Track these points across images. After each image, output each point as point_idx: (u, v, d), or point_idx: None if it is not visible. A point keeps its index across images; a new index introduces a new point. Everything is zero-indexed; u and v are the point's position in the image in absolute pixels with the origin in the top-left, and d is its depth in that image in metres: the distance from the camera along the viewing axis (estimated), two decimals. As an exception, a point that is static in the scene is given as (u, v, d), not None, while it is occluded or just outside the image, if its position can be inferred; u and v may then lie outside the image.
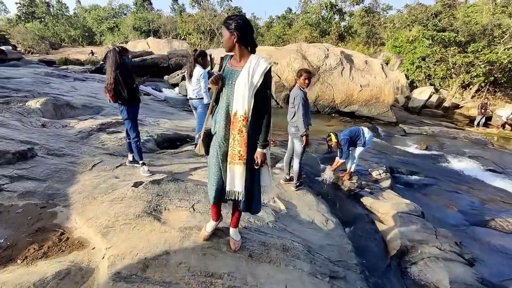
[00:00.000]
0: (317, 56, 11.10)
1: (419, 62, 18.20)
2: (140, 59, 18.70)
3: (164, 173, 3.33)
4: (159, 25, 34.39)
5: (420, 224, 3.52)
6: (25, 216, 2.40)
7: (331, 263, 2.43)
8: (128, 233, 2.15)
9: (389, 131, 10.08)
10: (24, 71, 10.49)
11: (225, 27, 1.76)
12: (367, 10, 26.84)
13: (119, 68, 3.03)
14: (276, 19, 36.63)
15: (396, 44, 20.78)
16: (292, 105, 3.41)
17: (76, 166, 3.30)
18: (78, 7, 49.44)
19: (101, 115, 5.80)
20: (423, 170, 6.00)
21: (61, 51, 29.17)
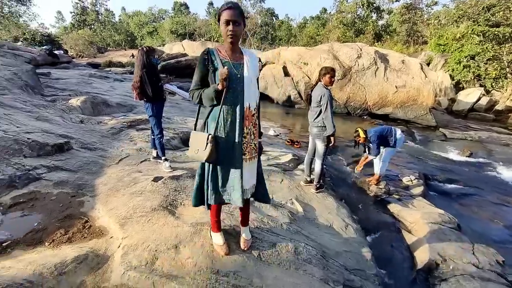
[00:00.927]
0: (349, 56, 10.68)
1: (467, 61, 16.67)
2: (175, 60, 19.60)
3: (184, 170, 3.42)
4: (194, 28, 35.71)
5: (454, 237, 3.20)
6: (57, 203, 2.60)
7: (346, 271, 2.29)
8: (143, 225, 2.22)
9: (426, 135, 9.35)
10: (72, 72, 11.53)
11: (242, 15, 1.65)
12: (408, 6, 25.24)
13: (145, 68, 3.18)
14: (310, 19, 36.08)
15: (441, 42, 19.26)
16: (316, 105, 3.29)
17: (105, 159, 3.52)
18: (122, 14, 53.27)
19: (133, 113, 6.15)
20: (463, 179, 5.46)
21: (106, 54, 31.63)
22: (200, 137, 1.70)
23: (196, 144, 1.72)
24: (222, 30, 1.66)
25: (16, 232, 2.17)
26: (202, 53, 1.69)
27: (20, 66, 7.12)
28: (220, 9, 1.64)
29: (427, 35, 22.92)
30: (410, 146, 7.56)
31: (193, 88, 1.74)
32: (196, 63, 1.71)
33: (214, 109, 1.71)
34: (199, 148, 1.69)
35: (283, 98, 11.36)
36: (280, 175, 3.65)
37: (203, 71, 1.69)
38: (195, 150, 1.72)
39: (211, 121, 1.72)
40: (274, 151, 4.88)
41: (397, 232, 3.38)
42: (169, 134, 5.04)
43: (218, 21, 1.70)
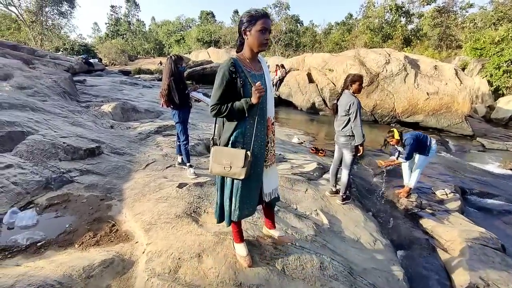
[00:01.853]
0: (376, 62, 10.33)
1: (508, 66, 15.55)
2: (201, 67, 20.13)
3: (208, 177, 3.43)
4: (219, 36, 36.60)
5: (498, 259, 2.91)
6: (87, 206, 2.71)
7: (376, 291, 2.15)
8: (167, 232, 2.24)
9: (462, 145, 8.75)
10: (105, 79, 12.21)
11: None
12: (441, 10, 24.14)
13: (173, 76, 3.26)
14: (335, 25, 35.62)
15: (477, 46, 18.15)
16: (344, 113, 3.17)
17: (133, 164, 3.63)
18: (152, 23, 55.96)
19: (160, 119, 6.35)
20: (505, 194, 5.00)
21: (136, 62, 33.27)
22: (234, 154, 1.63)
23: (225, 160, 1.63)
24: (254, 38, 1.58)
25: (50, 232, 2.27)
26: (228, 65, 1.58)
27: (60, 74, 7.65)
28: (255, 17, 1.56)
29: (461, 39, 21.73)
30: (444, 156, 7.10)
31: (217, 102, 1.60)
32: (218, 76, 1.59)
33: (239, 123, 1.65)
34: (232, 165, 1.62)
35: (307, 105, 11.21)
36: (304, 185, 3.56)
37: (229, 84, 1.59)
38: (225, 166, 1.64)
39: (239, 136, 1.66)
40: (298, 159, 4.78)
41: (431, 250, 3.14)
42: (193, 140, 5.12)
43: (245, 28, 1.59)
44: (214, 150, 1.70)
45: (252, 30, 1.58)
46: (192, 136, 5.24)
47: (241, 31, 1.62)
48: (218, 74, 1.59)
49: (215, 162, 1.68)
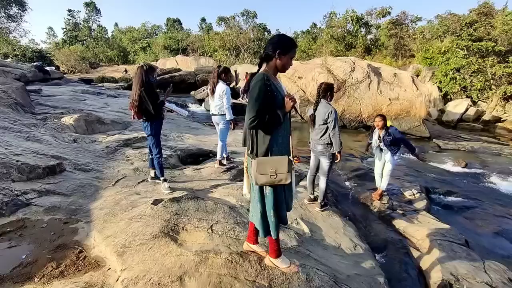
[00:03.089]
0: (343, 69, 10.86)
1: (453, 74, 17.22)
2: (169, 75, 19.65)
3: (184, 190, 3.29)
4: (187, 43, 36.11)
5: (464, 254, 3.12)
6: (48, 232, 2.43)
7: (361, 298, 2.17)
8: (144, 255, 2.07)
9: (421, 146, 9.43)
10: (64, 89, 11.35)
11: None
12: (395, 22, 26.20)
13: (143, 86, 3.09)
14: (300, 34, 36.95)
15: (427, 56, 19.92)
16: (323, 122, 3.21)
17: (101, 181, 3.36)
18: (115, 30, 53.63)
19: (128, 130, 6.01)
20: (463, 191, 5.45)
21: (98, 70, 31.54)
22: (278, 161, 1.73)
23: (270, 169, 1.72)
24: (285, 62, 1.77)
25: (2, 267, 1.98)
26: (263, 79, 1.69)
27: (10, 83, 6.95)
28: (292, 45, 1.76)
29: (413, 49, 23.69)
30: (408, 158, 7.58)
31: (256, 114, 1.66)
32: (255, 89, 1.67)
33: (274, 133, 1.75)
34: (277, 172, 1.71)
35: (278, 112, 11.40)
36: (283, 194, 3.54)
37: (265, 96, 1.68)
38: (270, 175, 1.71)
39: (275, 145, 1.77)
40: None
41: (405, 250, 3.28)
42: (166, 152, 4.91)
43: (281, 51, 1.73)
44: (256, 162, 1.74)
45: (287, 55, 1.76)
46: (164, 148, 5.03)
47: (275, 51, 1.73)
48: (255, 88, 1.68)
49: (260, 173, 1.72)
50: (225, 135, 4.28)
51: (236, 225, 2.60)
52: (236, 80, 16.76)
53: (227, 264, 2.02)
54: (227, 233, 2.45)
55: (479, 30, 17.58)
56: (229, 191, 3.41)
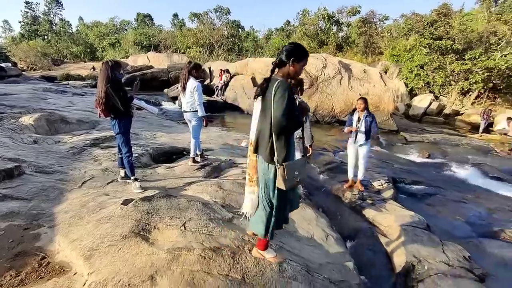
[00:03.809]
0: (315, 66, 11.11)
1: (418, 70, 18.28)
2: (141, 73, 18.93)
3: (156, 189, 3.21)
4: (159, 39, 34.96)
5: (425, 237, 3.34)
6: (6, 239, 2.27)
7: (331, 284, 2.26)
8: (113, 256, 2.01)
9: (390, 139, 9.96)
10: (23, 87, 10.54)
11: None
12: (364, 20, 27.21)
13: (109, 83, 2.96)
14: (274, 31, 37.19)
15: (394, 53, 20.95)
16: None
17: (65, 183, 3.19)
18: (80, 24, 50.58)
19: (96, 129, 5.73)
20: (426, 179, 5.84)
21: (63, 67, 29.61)
22: (301, 163, 1.86)
23: (296, 172, 1.80)
24: (297, 70, 1.86)
25: (-46, 279, 1.83)
26: (289, 86, 1.78)
27: (-41, 81, 6.33)
28: (306, 54, 1.87)
29: (382, 46, 24.78)
30: (377, 150, 7.95)
31: (288, 120, 1.72)
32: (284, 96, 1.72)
33: (290, 139, 1.86)
34: (301, 174, 1.83)
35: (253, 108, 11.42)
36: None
37: (292, 103, 1.76)
38: (295, 178, 1.81)
39: (290, 150, 1.85)
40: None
41: (374, 237, 3.46)
42: (137, 151, 4.76)
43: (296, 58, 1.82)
44: (285, 168, 1.75)
45: (300, 63, 1.85)
46: (135, 146, 4.87)
47: (289, 58, 1.81)
48: (284, 94, 1.72)
49: (287, 180, 1.76)
50: (198, 132, 4.23)
51: (209, 222, 2.59)
52: (210, 77, 16.55)
53: (200, 260, 2.02)
54: (200, 230, 2.43)
55: (439, 29, 18.78)
56: (203, 188, 3.38)
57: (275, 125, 1.73)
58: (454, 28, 18.91)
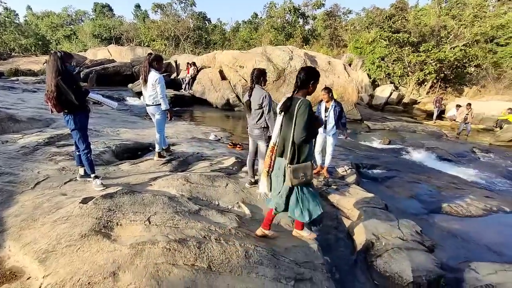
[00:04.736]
0: (281, 58, 11.25)
1: (379, 62, 19.25)
2: (101, 67, 17.79)
3: (120, 186, 3.10)
4: (121, 32, 32.97)
5: (383, 216, 3.60)
6: None
7: (296, 266, 2.37)
8: (71, 256, 1.93)
9: (354, 128, 10.46)
10: (-37, 84, 9.45)
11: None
12: (329, 14, 27.94)
13: (60, 74, 2.77)
14: (242, 24, 36.83)
15: (357, 46, 21.81)
16: (258, 107, 3.31)
17: (16, 185, 2.96)
18: (28, 14, 45.96)
19: (51, 127, 5.34)
20: (386, 164, 6.25)
21: (10, 61, 26.79)
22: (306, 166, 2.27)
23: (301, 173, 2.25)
24: (313, 89, 2.34)
25: None
26: (310, 105, 2.21)
27: None
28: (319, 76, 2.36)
29: (346, 39, 25.69)
30: (342, 138, 8.31)
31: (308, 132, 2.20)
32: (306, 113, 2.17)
33: (310, 144, 2.32)
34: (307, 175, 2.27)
35: (222, 102, 11.33)
36: (224, 180, 3.60)
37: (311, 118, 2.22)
38: (302, 178, 2.26)
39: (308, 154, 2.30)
40: (217, 156, 4.81)
41: (338, 220, 3.66)
42: (98, 147, 4.53)
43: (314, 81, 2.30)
44: (292, 168, 2.23)
45: (315, 84, 2.33)
46: (97, 144, 4.64)
47: (309, 80, 2.29)
48: (305, 111, 2.16)
49: (295, 178, 2.23)
50: (162, 126, 4.13)
51: (175, 214, 2.58)
52: (177, 71, 16.06)
53: (165, 252, 2.01)
54: (165, 223, 2.41)
55: (397, 23, 19.88)
56: (169, 182, 3.33)
57: (297, 135, 2.19)
58: (410, 22, 20.14)
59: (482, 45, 17.84)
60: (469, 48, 16.91)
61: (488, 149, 8.62)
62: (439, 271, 2.74)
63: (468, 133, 10.83)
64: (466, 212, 4.26)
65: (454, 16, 18.09)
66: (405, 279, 2.62)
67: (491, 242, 3.54)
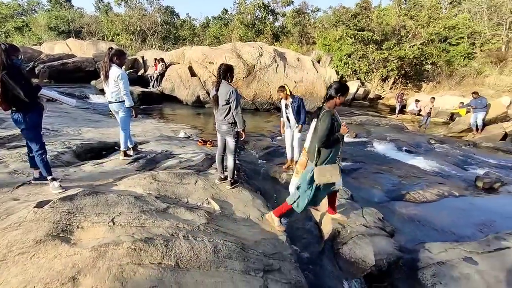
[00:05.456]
0: (251, 54, 11.27)
1: (346, 59, 19.98)
2: (60, 62, 16.53)
3: (81, 187, 2.94)
4: (81, 25, 30.83)
5: (349, 206, 3.78)
6: None
7: (265, 257, 2.42)
8: (24, 264, 1.80)
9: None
10: None
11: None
12: (298, 11, 28.39)
13: (6, 69, 2.54)
14: (212, 19, 36.19)
15: (326, 43, 22.43)
16: (225, 103, 3.29)
17: (-42, 192, 2.68)
18: (-28, 3, 41.33)
19: (1, 128, 4.89)
20: (352, 156, 6.56)
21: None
22: (333, 167, 2.70)
23: (328, 173, 2.66)
24: (341, 101, 2.68)
25: None
26: (331, 114, 2.60)
27: None
28: (347, 89, 2.74)
29: (315, 36, 26.31)
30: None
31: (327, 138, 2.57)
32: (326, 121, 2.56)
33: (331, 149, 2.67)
34: (332, 175, 2.67)
35: (192, 99, 11.11)
36: (194, 177, 3.56)
37: (332, 125, 2.58)
38: (328, 177, 2.66)
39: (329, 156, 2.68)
40: (187, 153, 4.73)
41: (306, 212, 3.77)
42: (57, 148, 4.25)
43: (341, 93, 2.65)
44: (319, 168, 2.66)
45: (343, 96, 2.67)
46: (55, 144, 4.35)
47: (337, 93, 2.63)
48: (325, 120, 2.55)
49: (321, 176, 2.65)
50: (127, 123, 3.96)
51: (142, 214, 2.50)
52: (144, 67, 15.43)
53: (130, 252, 1.95)
54: (131, 223, 2.34)
55: (362, 21, 20.74)
56: (135, 182, 3.22)
57: (318, 140, 2.58)
58: (373, 21, 21.10)
59: (436, 45, 19.23)
60: (426, 47, 18.14)
61: (442, 140, 9.36)
62: (398, 253, 2.95)
63: (426, 126, 11.69)
64: (423, 198, 4.61)
65: (412, 16, 19.28)
66: (368, 263, 2.78)
67: (443, 224, 3.88)
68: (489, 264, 2.64)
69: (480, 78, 16.98)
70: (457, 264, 2.70)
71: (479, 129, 9.80)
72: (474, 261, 2.71)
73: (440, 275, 2.63)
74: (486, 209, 4.30)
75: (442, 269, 2.69)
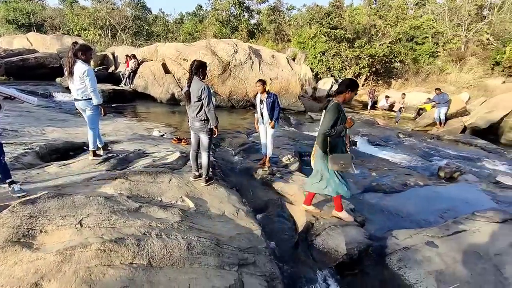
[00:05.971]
0: (226, 51, 11.19)
1: (320, 56, 20.43)
2: (19, 58, 15.37)
3: (45, 190, 2.78)
4: (43, 18, 28.82)
5: (322, 198, 3.91)
6: None
7: (240, 252, 2.45)
8: (-19, 273, 1.68)
9: (299, 119, 11.01)
10: None
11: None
12: (273, 8, 28.52)
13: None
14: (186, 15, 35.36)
15: (300, 40, 22.76)
16: (197, 99, 3.25)
17: None
18: None
19: (-48, 129, 4.49)
20: (326, 151, 6.74)
21: None
22: (346, 156, 2.95)
23: (341, 161, 2.89)
24: (350, 96, 2.91)
25: None
26: (338, 106, 2.85)
27: None
28: (357, 86, 2.95)
29: (290, 34, 26.62)
30: (287, 129, 8.70)
31: (330, 128, 2.82)
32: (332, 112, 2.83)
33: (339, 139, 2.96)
34: (345, 163, 2.90)
35: (166, 96, 10.84)
36: (167, 175, 3.50)
37: (337, 117, 2.83)
38: (341, 165, 2.90)
39: (337, 146, 2.97)
40: (160, 152, 4.62)
41: (282, 206, 3.85)
42: (17, 149, 3.99)
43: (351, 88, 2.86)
44: (331, 156, 2.90)
45: (353, 92, 2.88)
46: (14, 145, 4.07)
47: (347, 88, 2.85)
48: (331, 111, 2.81)
49: (334, 163, 2.89)
50: (95, 122, 3.80)
51: (112, 214, 2.42)
52: (115, 64, 14.79)
53: (99, 254, 1.89)
54: (100, 224, 2.26)
55: (334, 20, 21.29)
56: (106, 182, 3.10)
57: (322, 128, 2.86)
58: (345, 20, 21.74)
59: (404, 43, 20.23)
60: (394, 45, 19.04)
61: (410, 134, 9.92)
62: (368, 241, 3.10)
63: (397, 121, 12.30)
64: (391, 188, 4.87)
65: (381, 16, 20.12)
66: (340, 252, 2.90)
67: (409, 212, 4.13)
68: (448, 247, 2.86)
69: (442, 76, 18.11)
70: (420, 248, 2.90)
71: (442, 123, 10.47)
72: (435, 245, 2.92)
73: (405, 259, 2.81)
74: (447, 196, 4.64)
75: (407, 254, 2.88)
